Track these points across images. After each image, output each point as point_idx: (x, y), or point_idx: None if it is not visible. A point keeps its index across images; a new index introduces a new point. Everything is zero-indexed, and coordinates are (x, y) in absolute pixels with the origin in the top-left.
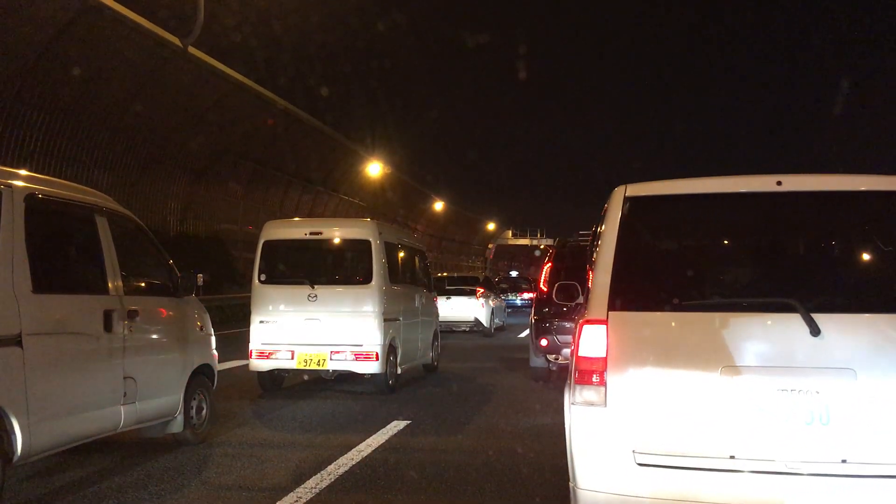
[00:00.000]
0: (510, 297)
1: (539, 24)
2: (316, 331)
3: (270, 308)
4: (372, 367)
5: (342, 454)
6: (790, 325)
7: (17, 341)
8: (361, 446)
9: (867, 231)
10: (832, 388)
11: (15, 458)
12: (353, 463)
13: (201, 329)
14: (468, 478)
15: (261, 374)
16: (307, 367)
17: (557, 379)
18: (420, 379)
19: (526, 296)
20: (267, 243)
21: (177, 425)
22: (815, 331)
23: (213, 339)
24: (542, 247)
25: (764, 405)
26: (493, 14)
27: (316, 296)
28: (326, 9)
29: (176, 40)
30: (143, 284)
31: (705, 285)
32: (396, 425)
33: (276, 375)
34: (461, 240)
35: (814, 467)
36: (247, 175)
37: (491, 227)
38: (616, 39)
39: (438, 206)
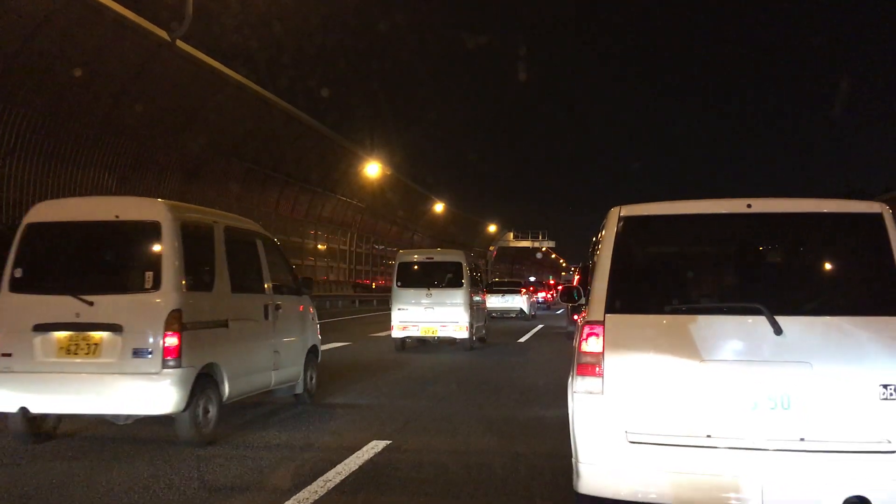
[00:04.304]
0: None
1: (540, 26)
2: (431, 314)
3: (404, 301)
4: (464, 334)
5: (307, 484)
6: (757, 326)
7: (225, 324)
8: (330, 474)
9: (822, 246)
10: (792, 379)
11: (224, 399)
12: (317, 497)
13: (313, 319)
14: None
15: (396, 339)
16: (426, 335)
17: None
18: (412, 391)
19: (540, 295)
20: (400, 264)
21: (298, 388)
22: (777, 330)
23: (318, 326)
24: (543, 249)
25: (735, 393)
26: (493, 15)
27: (431, 294)
28: (327, 10)
29: (164, 34)
30: (281, 285)
31: (687, 292)
32: (374, 446)
33: (405, 341)
34: (462, 241)
35: (777, 444)
36: (241, 174)
37: (492, 229)
38: (617, 42)
39: (439, 207)
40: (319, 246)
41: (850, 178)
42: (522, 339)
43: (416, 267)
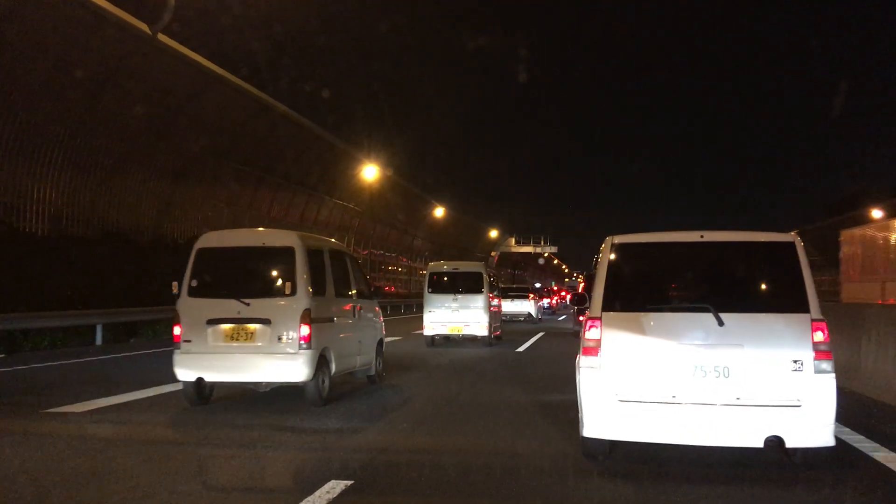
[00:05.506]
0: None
1: (541, 27)
2: (457, 315)
3: (434, 305)
4: (484, 332)
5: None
6: (707, 320)
7: (332, 320)
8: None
9: (752, 264)
10: (730, 356)
11: (331, 374)
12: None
13: (380, 318)
14: None
15: (427, 336)
16: (453, 333)
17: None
18: (386, 409)
19: (545, 301)
20: (431, 274)
21: (371, 371)
22: (720, 323)
23: (384, 323)
24: (545, 255)
25: (692, 366)
26: (493, 16)
27: (457, 298)
28: (327, 11)
29: (144, 27)
30: (361, 292)
31: (660, 296)
32: (332, 488)
33: (435, 338)
34: (463, 246)
35: (721, 401)
36: (232, 176)
37: (493, 234)
38: (618, 44)
39: (439, 211)
40: None
41: (852, 182)
42: (533, 339)
43: (444, 277)
